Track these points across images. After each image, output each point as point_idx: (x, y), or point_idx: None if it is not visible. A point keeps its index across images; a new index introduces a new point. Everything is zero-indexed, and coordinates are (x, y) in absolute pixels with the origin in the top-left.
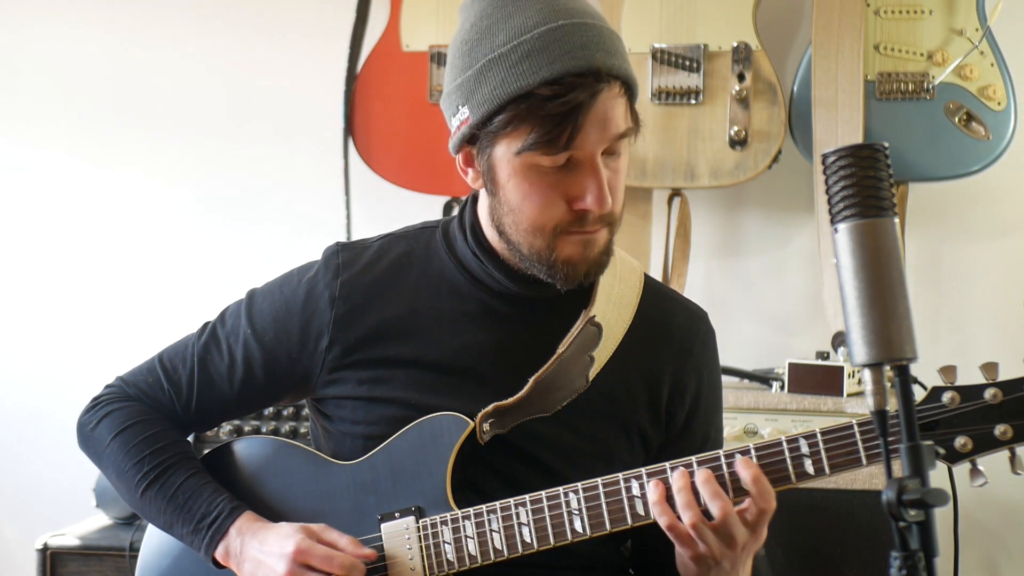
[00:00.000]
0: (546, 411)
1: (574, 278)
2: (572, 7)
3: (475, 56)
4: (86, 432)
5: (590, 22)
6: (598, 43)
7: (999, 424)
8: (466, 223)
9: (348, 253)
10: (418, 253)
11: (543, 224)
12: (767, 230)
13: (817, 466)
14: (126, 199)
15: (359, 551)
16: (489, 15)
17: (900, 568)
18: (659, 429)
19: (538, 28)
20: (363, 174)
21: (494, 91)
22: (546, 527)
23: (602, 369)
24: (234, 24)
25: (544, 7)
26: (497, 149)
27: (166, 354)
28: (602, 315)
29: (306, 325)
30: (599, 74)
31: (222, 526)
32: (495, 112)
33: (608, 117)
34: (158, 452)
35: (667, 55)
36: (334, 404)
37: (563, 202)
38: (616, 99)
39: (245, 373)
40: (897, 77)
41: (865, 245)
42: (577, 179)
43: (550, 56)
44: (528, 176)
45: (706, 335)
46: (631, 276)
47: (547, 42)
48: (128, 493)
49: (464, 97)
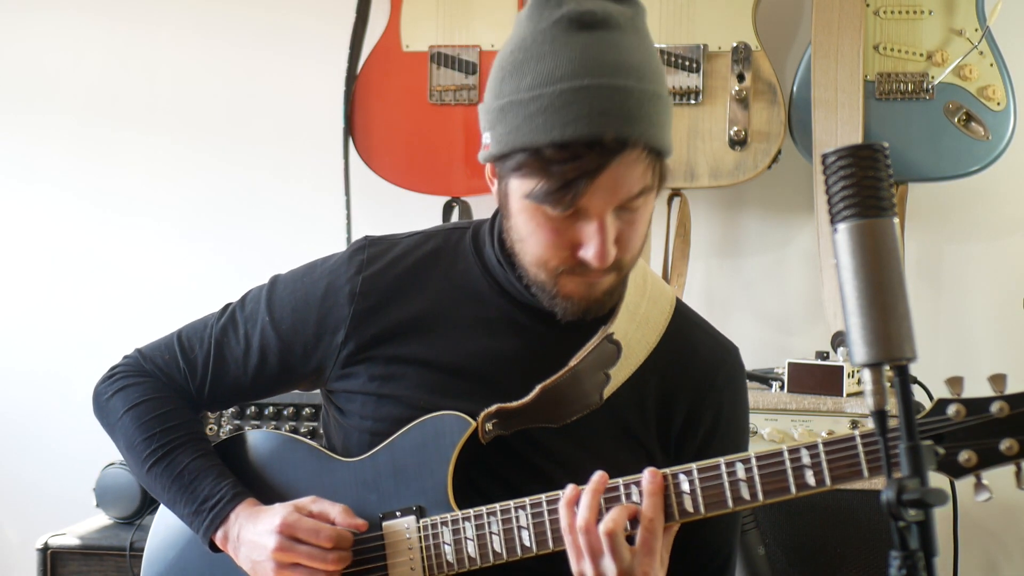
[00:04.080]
0: (554, 422)
1: (573, 313)
2: (608, 60)
3: (503, 89)
4: (101, 402)
5: (620, 84)
6: (620, 110)
7: (1005, 439)
8: (496, 230)
9: (374, 249)
10: (445, 253)
11: (546, 261)
12: (767, 230)
13: (818, 477)
14: (126, 199)
15: (349, 520)
16: (527, 48)
17: (900, 568)
18: (667, 456)
19: (562, 83)
20: (363, 174)
21: (508, 135)
22: (546, 531)
23: (619, 388)
24: (234, 24)
25: (577, 57)
26: (511, 183)
27: (185, 332)
28: (623, 333)
29: (323, 318)
30: (609, 145)
31: (223, 511)
32: (508, 154)
33: (619, 184)
34: (169, 430)
35: (667, 55)
36: (345, 397)
37: (567, 248)
38: (633, 165)
39: (260, 360)
40: (897, 77)
41: (865, 245)
42: (582, 229)
43: (564, 119)
44: (535, 217)
45: (732, 370)
46: (661, 299)
47: (565, 102)
48: (136, 467)
49: (488, 125)
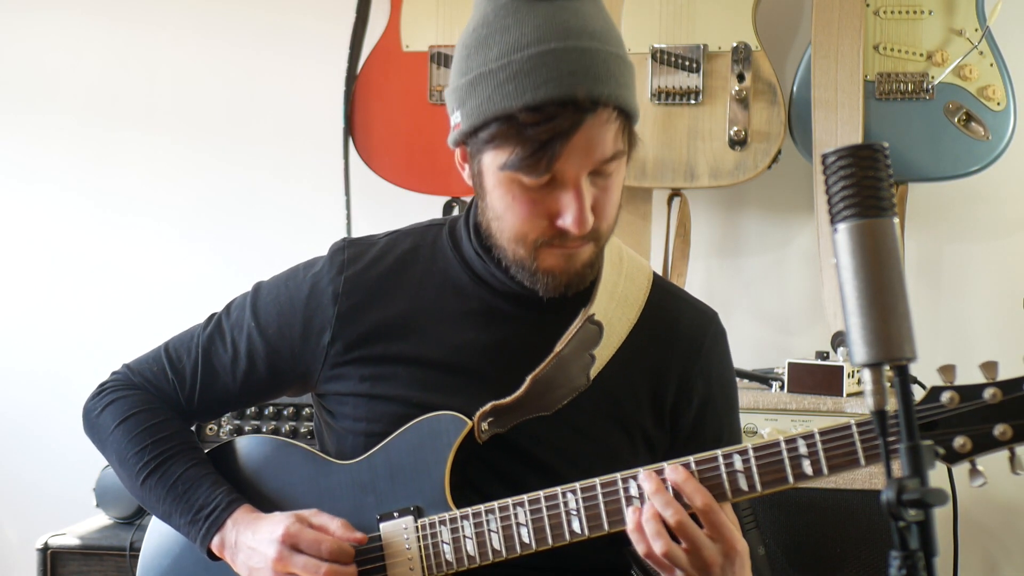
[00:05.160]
0: (546, 410)
1: (555, 288)
2: (572, 25)
3: (470, 65)
4: (91, 418)
5: (586, 45)
6: (588, 70)
7: (998, 424)
8: (470, 222)
9: (353, 249)
10: (424, 250)
11: (524, 235)
12: (767, 230)
13: (815, 467)
14: (126, 199)
15: (349, 534)
16: (490, 23)
17: (900, 568)
18: (663, 431)
19: (529, 49)
20: (363, 174)
21: (480, 106)
22: (544, 528)
23: (605, 367)
24: (234, 24)
25: (542, 24)
26: (484, 158)
27: (172, 344)
28: (603, 313)
29: (309, 320)
30: (582, 103)
31: (219, 518)
32: (480, 126)
33: (593, 144)
34: (160, 442)
35: (667, 55)
36: (336, 400)
37: (545, 217)
38: (604, 125)
39: (248, 366)
40: (897, 77)
41: (865, 245)
42: (559, 198)
43: (535, 81)
44: (511, 190)
45: (716, 335)
46: (639, 275)
47: (534, 65)
48: (129, 481)
49: (457, 103)
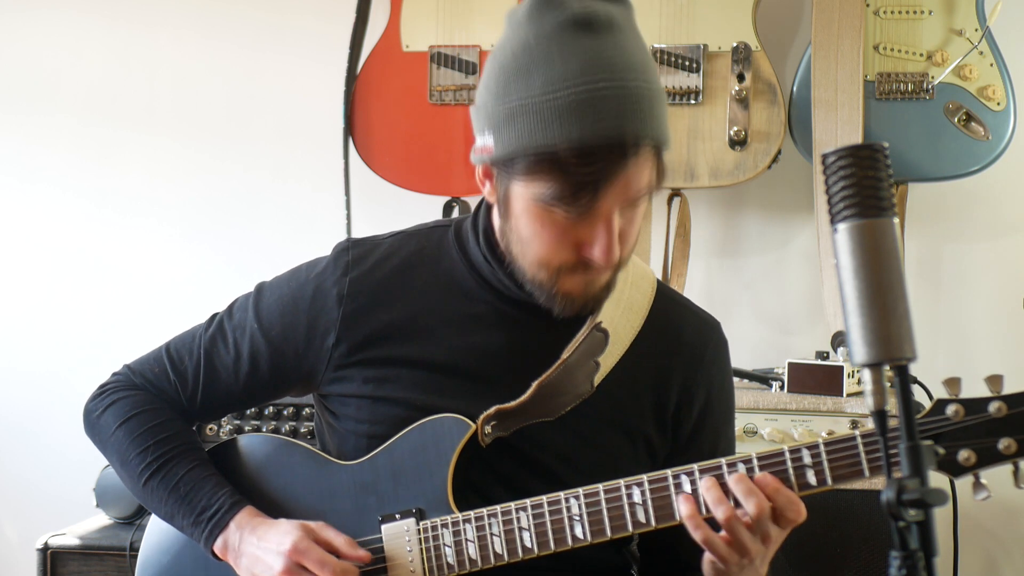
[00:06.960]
0: (550, 415)
1: (572, 310)
2: (617, 61)
3: (510, 92)
4: (92, 419)
5: (631, 84)
6: (635, 111)
7: (1003, 438)
8: (479, 226)
9: (358, 250)
10: (429, 252)
11: (548, 261)
12: (767, 230)
13: (819, 477)
14: (126, 199)
15: (354, 553)
16: (532, 49)
17: (900, 568)
18: (665, 437)
19: (577, 86)
20: (363, 174)
21: (521, 138)
22: (547, 532)
23: (608, 374)
24: (234, 24)
25: (588, 60)
26: (516, 185)
27: (173, 344)
28: (609, 320)
29: (313, 322)
30: (628, 146)
31: (222, 520)
32: (518, 157)
33: (631, 182)
34: (162, 443)
35: (667, 55)
36: (339, 401)
37: (572, 247)
38: (643, 164)
39: (250, 367)
40: (897, 77)
41: (865, 245)
42: (588, 229)
43: (582, 121)
44: (541, 219)
45: (718, 345)
46: (643, 282)
47: (582, 103)
48: (131, 482)
49: (491, 127)
